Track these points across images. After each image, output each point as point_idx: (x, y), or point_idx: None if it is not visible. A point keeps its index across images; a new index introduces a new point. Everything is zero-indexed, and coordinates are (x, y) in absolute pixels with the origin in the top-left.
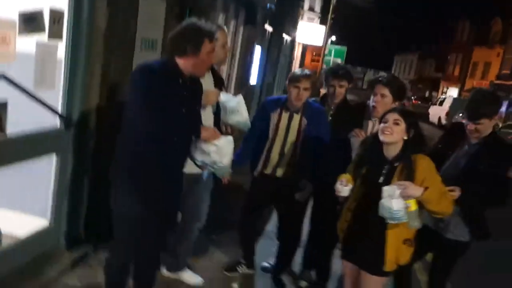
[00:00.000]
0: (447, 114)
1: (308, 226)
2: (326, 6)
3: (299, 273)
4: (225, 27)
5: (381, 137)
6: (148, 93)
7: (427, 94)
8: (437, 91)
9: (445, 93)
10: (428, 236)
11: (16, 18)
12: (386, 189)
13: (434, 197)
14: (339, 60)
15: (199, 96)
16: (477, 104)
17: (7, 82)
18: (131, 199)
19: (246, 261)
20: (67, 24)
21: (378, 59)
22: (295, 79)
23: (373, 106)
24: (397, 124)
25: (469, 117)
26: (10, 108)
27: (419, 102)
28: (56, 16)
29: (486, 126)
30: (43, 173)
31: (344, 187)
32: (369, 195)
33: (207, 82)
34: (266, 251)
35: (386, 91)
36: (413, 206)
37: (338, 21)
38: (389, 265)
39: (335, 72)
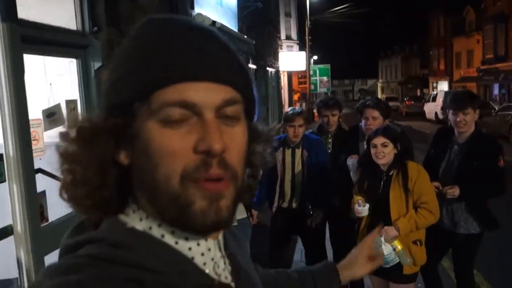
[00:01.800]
0: (442, 108)
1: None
2: (302, 31)
3: None
4: None
5: (377, 161)
6: None
7: (418, 93)
8: (427, 88)
9: (436, 88)
10: (443, 235)
11: (40, 116)
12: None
13: (410, 225)
14: (325, 78)
15: None
16: (462, 96)
17: (43, 174)
18: None
19: None
20: (81, 111)
21: (363, 68)
22: (289, 119)
23: (368, 129)
24: (385, 146)
25: (456, 108)
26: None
27: (413, 102)
28: (71, 105)
29: (472, 118)
30: None
31: (363, 208)
32: (376, 208)
33: None
34: None
35: (376, 113)
36: (399, 246)
37: (316, 42)
38: (406, 268)
39: (326, 104)
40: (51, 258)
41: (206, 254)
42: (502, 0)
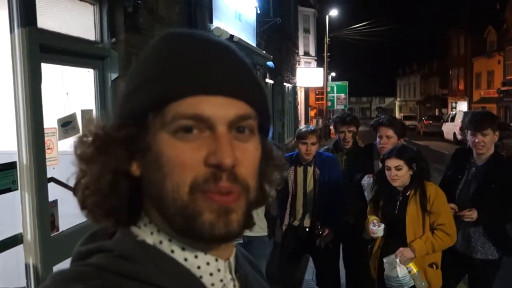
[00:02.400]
0: (461, 129)
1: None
2: (321, 47)
3: None
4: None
5: (392, 183)
6: None
7: (437, 112)
8: (446, 107)
9: (455, 108)
10: (459, 259)
11: (55, 125)
12: (386, 261)
13: (426, 247)
14: (343, 95)
15: None
16: (481, 116)
17: (56, 183)
18: None
19: None
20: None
21: (382, 86)
22: (302, 136)
23: (381, 148)
24: (399, 169)
25: (475, 128)
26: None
27: (431, 122)
28: (86, 115)
29: (491, 140)
30: None
31: (378, 228)
32: (390, 228)
33: None
34: None
35: (391, 132)
36: (414, 268)
37: (335, 58)
38: None
39: (343, 120)
40: (61, 268)
41: (215, 274)
42: None
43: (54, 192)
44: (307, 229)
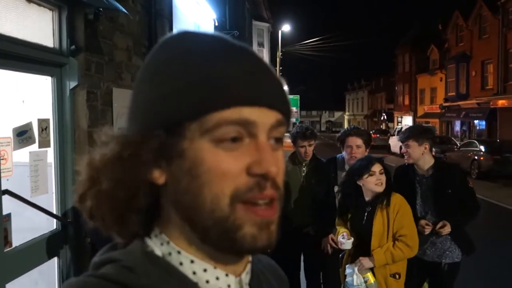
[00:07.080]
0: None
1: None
2: (274, 61)
3: None
4: None
5: (376, 189)
6: None
7: (383, 126)
8: (392, 122)
9: (400, 122)
10: (423, 268)
11: (10, 134)
12: (347, 268)
13: (385, 257)
14: (294, 109)
15: None
16: (408, 129)
17: (10, 195)
18: None
19: None
20: (53, 131)
21: (331, 100)
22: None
23: (352, 157)
24: (383, 173)
25: (400, 140)
26: (13, 219)
27: (378, 135)
28: (43, 124)
29: (415, 151)
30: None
31: (347, 241)
32: (359, 239)
33: None
34: None
35: (360, 142)
36: (371, 278)
37: (287, 73)
38: None
39: (304, 135)
40: (14, 286)
41: None
42: (464, 41)
43: (7, 205)
44: None
